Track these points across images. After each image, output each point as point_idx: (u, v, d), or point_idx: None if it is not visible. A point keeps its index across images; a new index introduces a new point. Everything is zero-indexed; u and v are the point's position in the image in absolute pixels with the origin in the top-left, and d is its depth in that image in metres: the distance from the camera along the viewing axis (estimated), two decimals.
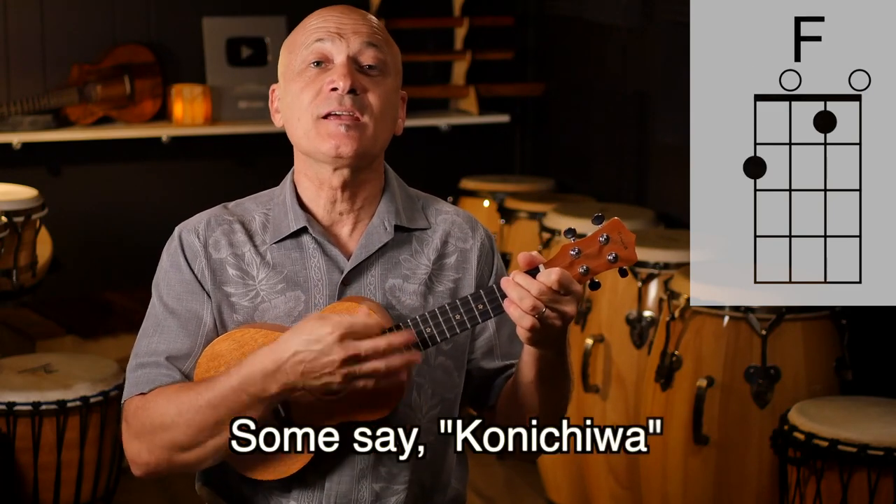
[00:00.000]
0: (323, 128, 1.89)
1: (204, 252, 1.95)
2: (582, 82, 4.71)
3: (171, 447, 1.84)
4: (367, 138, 1.90)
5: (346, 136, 1.88)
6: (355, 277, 1.94)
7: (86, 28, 4.52)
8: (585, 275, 1.80)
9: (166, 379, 1.89)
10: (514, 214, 4.22)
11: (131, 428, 1.88)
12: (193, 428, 1.82)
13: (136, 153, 4.61)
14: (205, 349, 1.90)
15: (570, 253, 1.80)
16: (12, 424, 3.29)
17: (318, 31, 1.92)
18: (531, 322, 1.77)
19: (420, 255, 1.98)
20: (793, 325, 3.07)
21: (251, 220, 1.98)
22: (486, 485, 3.97)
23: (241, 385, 1.79)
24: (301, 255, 1.95)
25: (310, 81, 1.91)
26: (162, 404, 1.84)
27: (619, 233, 1.81)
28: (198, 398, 1.81)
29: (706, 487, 3.13)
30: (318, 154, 1.91)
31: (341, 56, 1.91)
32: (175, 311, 1.93)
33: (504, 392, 2.00)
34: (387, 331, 1.81)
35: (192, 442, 1.83)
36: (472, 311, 1.82)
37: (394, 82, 1.96)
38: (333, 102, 1.88)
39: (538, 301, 1.75)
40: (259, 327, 1.89)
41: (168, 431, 1.83)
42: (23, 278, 3.80)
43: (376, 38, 1.94)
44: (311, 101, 1.90)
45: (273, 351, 1.78)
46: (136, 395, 1.90)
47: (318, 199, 1.96)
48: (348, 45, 1.91)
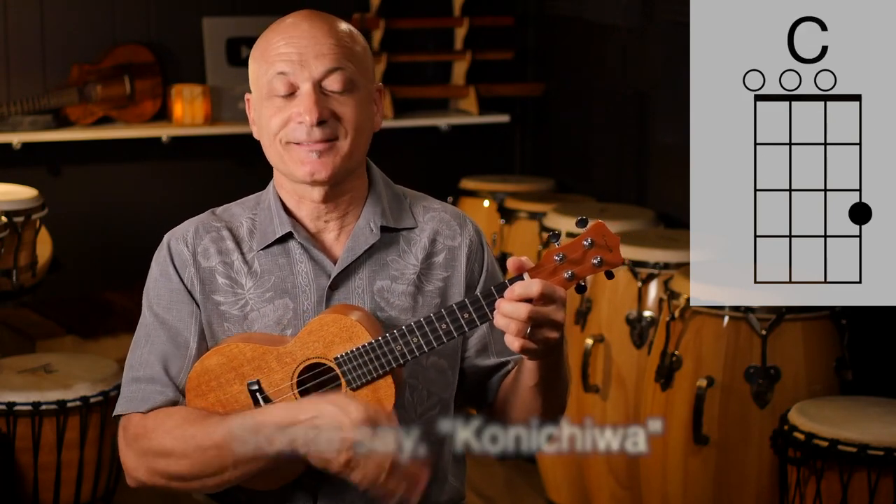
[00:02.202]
0: (295, 154, 1.89)
1: (193, 261, 1.95)
2: (582, 82, 4.71)
3: (171, 476, 1.85)
4: (341, 159, 1.89)
5: (319, 163, 1.88)
6: (343, 281, 1.94)
7: (86, 28, 4.52)
8: (571, 279, 1.80)
9: (161, 397, 1.90)
10: (514, 214, 4.22)
11: (131, 447, 1.89)
12: (197, 465, 1.82)
13: (136, 153, 4.61)
14: (194, 365, 1.90)
15: (555, 259, 1.80)
16: (12, 424, 3.29)
17: (281, 58, 1.89)
18: (521, 344, 1.77)
19: (408, 255, 1.98)
20: (793, 325, 3.07)
21: (239, 227, 1.98)
22: (486, 485, 3.97)
23: (252, 431, 1.78)
24: (288, 260, 1.94)
25: (278, 110, 1.89)
26: (165, 435, 1.84)
27: (603, 236, 1.81)
28: (205, 437, 1.81)
29: (706, 487, 3.13)
30: (294, 177, 1.91)
31: (306, 85, 1.88)
32: (165, 320, 1.94)
33: (502, 392, 2.00)
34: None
35: (193, 476, 1.84)
36: (458, 320, 1.82)
37: (365, 91, 1.93)
38: (302, 133, 1.87)
39: (523, 325, 1.75)
40: (247, 341, 1.89)
41: (170, 461, 1.84)
42: (23, 278, 3.80)
43: (341, 59, 1.89)
44: (280, 129, 1.89)
45: (290, 407, 1.79)
46: (133, 412, 1.90)
47: (301, 210, 1.96)
48: (311, 73, 1.88)
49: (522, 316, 1.75)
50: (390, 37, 4.72)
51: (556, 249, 1.80)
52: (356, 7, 4.74)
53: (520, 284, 1.76)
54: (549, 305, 1.76)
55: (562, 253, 1.80)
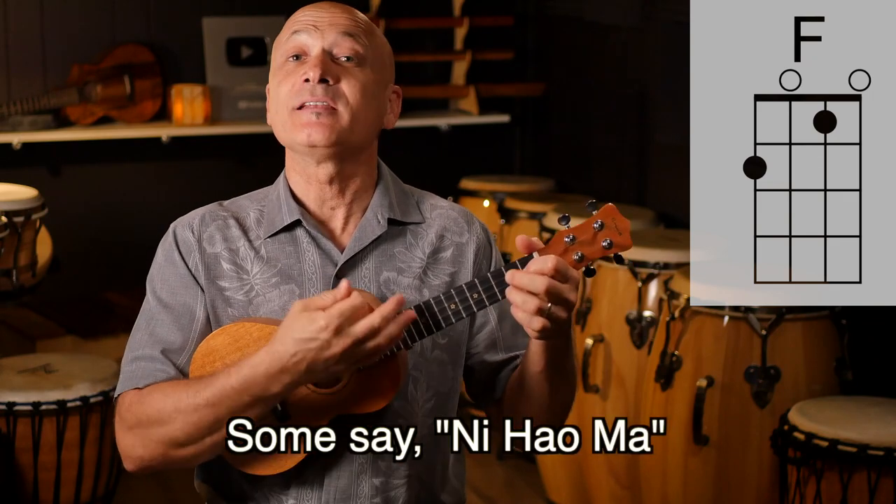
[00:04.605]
0: (297, 118, 1.90)
1: (198, 247, 1.95)
2: (582, 82, 4.71)
3: (166, 443, 1.84)
4: (340, 126, 1.89)
5: (317, 124, 1.88)
6: (349, 270, 1.94)
7: (86, 28, 4.52)
8: (580, 261, 1.79)
9: (161, 374, 1.89)
10: (514, 214, 4.22)
11: (125, 422, 1.88)
12: (191, 425, 1.81)
13: (136, 153, 4.61)
14: (199, 344, 1.89)
15: (565, 240, 1.79)
16: (12, 424, 3.29)
17: (297, 24, 1.94)
18: (541, 323, 1.76)
19: (415, 249, 1.98)
20: (793, 325, 3.07)
21: (246, 216, 1.99)
22: (486, 485, 3.97)
23: (243, 386, 1.78)
24: (295, 248, 1.95)
25: (287, 75, 1.92)
26: (158, 399, 1.84)
27: (613, 219, 1.80)
28: (196, 396, 1.81)
29: (706, 487, 3.13)
30: (295, 145, 1.92)
31: (316, 48, 1.92)
32: (169, 304, 1.94)
33: (510, 384, 2.00)
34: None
35: (188, 439, 1.82)
36: (468, 299, 1.81)
37: (375, 74, 1.95)
38: (306, 93, 1.89)
39: (542, 302, 1.75)
40: (254, 321, 1.89)
41: (164, 427, 1.83)
42: (23, 278, 3.80)
43: (355, 29, 1.95)
44: (287, 94, 1.91)
45: (271, 353, 1.77)
46: (131, 389, 1.90)
47: (309, 194, 1.97)
48: (323, 37, 1.92)
49: (540, 288, 1.73)
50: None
51: (566, 231, 1.80)
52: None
53: (535, 261, 1.75)
54: (564, 283, 1.76)
55: (572, 234, 1.79)
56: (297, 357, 1.76)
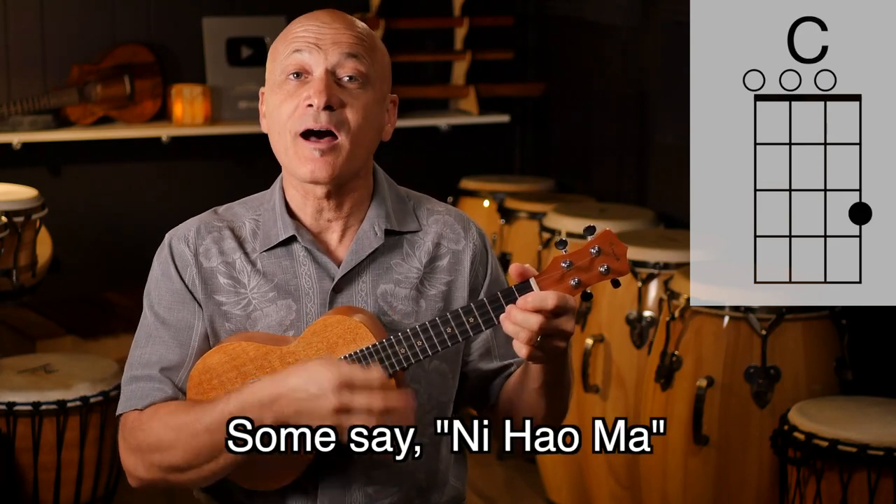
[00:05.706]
0: (300, 149, 1.88)
1: (195, 261, 1.94)
2: (582, 82, 4.71)
3: (166, 468, 1.85)
4: (342, 160, 1.88)
5: (320, 161, 1.87)
6: (346, 285, 1.93)
7: (86, 28, 4.52)
8: (577, 287, 1.80)
9: (160, 394, 1.90)
10: (514, 214, 4.22)
11: (127, 442, 1.89)
12: (190, 452, 1.82)
13: (136, 153, 4.61)
14: (196, 363, 1.89)
15: (562, 265, 1.79)
16: (12, 424, 3.29)
17: (298, 40, 1.90)
18: (528, 351, 1.77)
19: (411, 259, 1.97)
20: (793, 325, 3.07)
21: (241, 227, 1.98)
22: (486, 485, 3.97)
23: (239, 412, 1.78)
24: (291, 263, 1.94)
25: (288, 95, 1.89)
26: (158, 426, 1.84)
27: (610, 244, 1.80)
28: (196, 423, 1.81)
29: (706, 487, 3.13)
30: (296, 174, 1.91)
31: (319, 69, 1.88)
32: (166, 321, 1.93)
33: (505, 394, 2.00)
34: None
35: (188, 465, 1.83)
36: (464, 324, 1.81)
37: (377, 93, 1.92)
38: (309, 119, 1.87)
39: (533, 334, 1.75)
40: (250, 339, 1.89)
41: (164, 453, 1.83)
42: (23, 278, 3.80)
43: (358, 48, 1.91)
44: (289, 117, 1.89)
45: (273, 382, 1.78)
46: (131, 410, 1.90)
47: (305, 208, 1.95)
48: (326, 57, 1.88)
49: (534, 327, 1.74)
50: (390, 37, 4.72)
51: (564, 256, 1.80)
52: (356, 7, 4.74)
53: (534, 296, 1.75)
54: (560, 317, 1.76)
55: (569, 260, 1.79)
56: (293, 394, 1.75)
